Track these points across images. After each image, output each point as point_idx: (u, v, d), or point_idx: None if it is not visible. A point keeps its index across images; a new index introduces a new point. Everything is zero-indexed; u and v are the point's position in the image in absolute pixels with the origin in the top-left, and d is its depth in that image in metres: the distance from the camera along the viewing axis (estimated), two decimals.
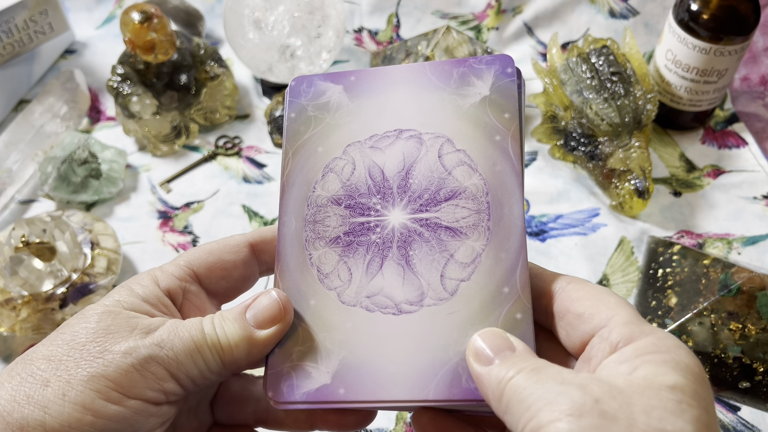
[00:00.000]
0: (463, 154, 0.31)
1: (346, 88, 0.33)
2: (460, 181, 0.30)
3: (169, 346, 0.27)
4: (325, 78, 0.34)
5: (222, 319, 0.29)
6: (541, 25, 0.75)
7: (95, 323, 0.27)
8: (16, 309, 0.50)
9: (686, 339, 0.49)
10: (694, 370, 0.23)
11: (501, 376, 0.24)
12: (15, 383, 0.26)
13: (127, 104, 0.64)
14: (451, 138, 0.31)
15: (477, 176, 0.30)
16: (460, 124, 0.31)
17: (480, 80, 0.32)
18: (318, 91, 0.34)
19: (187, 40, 0.67)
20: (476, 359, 0.26)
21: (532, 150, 0.66)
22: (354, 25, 0.77)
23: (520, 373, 0.24)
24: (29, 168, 0.63)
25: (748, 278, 0.48)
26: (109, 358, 0.26)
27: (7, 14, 0.68)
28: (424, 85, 0.33)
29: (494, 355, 0.25)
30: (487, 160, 0.30)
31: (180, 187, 0.64)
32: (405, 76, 0.33)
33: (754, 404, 0.48)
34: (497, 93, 0.31)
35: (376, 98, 0.33)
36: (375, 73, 0.34)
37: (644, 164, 0.59)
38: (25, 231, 0.52)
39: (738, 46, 0.60)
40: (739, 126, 0.68)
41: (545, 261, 0.57)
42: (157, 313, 0.29)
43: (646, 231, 0.59)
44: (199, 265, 0.31)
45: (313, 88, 0.34)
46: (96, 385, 0.26)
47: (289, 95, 0.34)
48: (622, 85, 0.60)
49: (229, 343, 0.28)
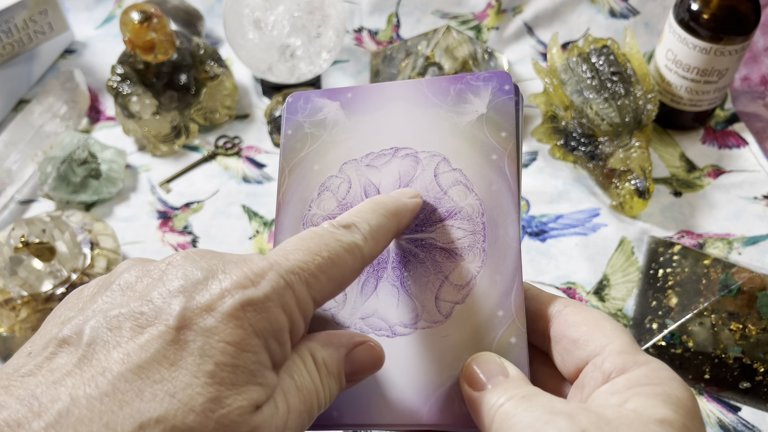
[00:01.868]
0: (459, 173, 0.31)
1: (343, 104, 0.33)
2: (455, 201, 0.30)
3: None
4: (322, 94, 0.34)
5: (326, 371, 0.25)
6: (541, 25, 0.75)
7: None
8: (16, 309, 0.50)
9: (686, 339, 0.49)
10: (686, 404, 0.23)
11: (492, 403, 0.24)
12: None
13: (127, 104, 0.64)
14: (448, 157, 0.31)
15: (473, 196, 0.30)
16: (457, 143, 0.31)
17: (477, 97, 0.32)
18: (315, 108, 0.34)
19: (186, 40, 0.67)
20: (469, 383, 0.26)
21: (532, 150, 0.66)
22: (354, 25, 0.77)
23: (511, 400, 0.24)
24: (29, 168, 0.63)
25: (749, 278, 0.48)
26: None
27: (7, 14, 0.68)
28: (421, 102, 0.32)
29: (487, 380, 0.25)
30: (483, 180, 0.30)
31: (180, 187, 0.64)
32: (402, 93, 0.33)
33: (754, 404, 0.48)
34: (494, 111, 0.31)
35: (373, 115, 0.33)
36: (372, 90, 0.34)
37: (644, 164, 0.59)
38: (25, 231, 0.52)
39: (738, 46, 0.59)
40: (740, 126, 0.68)
41: (545, 261, 0.57)
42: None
43: (646, 231, 0.59)
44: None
45: (310, 104, 0.34)
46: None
47: (285, 112, 0.34)
48: (622, 85, 0.60)
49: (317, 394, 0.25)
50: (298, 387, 0.23)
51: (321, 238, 0.25)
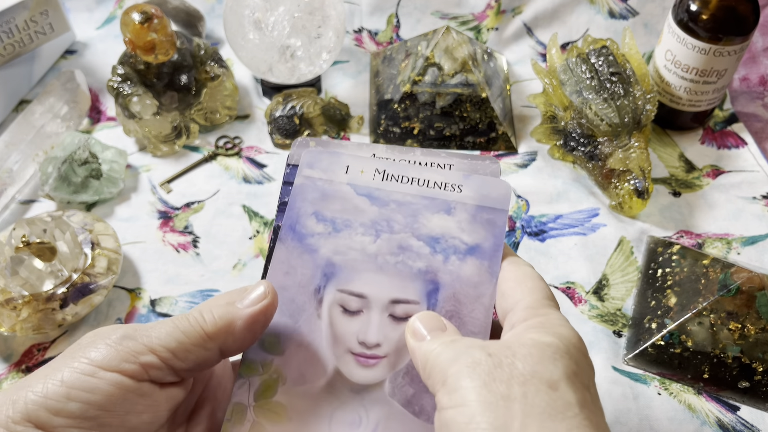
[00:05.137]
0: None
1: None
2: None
3: (144, 328, 0.29)
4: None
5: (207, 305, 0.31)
6: (540, 26, 0.75)
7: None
8: (17, 309, 0.50)
9: (685, 339, 0.49)
10: (571, 340, 0.28)
11: (427, 348, 0.29)
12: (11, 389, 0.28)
13: (128, 104, 0.64)
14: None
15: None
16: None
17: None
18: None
19: (187, 40, 0.67)
20: (412, 336, 0.30)
21: (531, 150, 0.66)
22: (354, 26, 0.77)
23: (441, 344, 0.29)
24: (30, 168, 0.63)
25: (748, 278, 0.48)
26: (89, 349, 0.28)
27: (8, 14, 0.68)
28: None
29: (427, 332, 0.30)
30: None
31: (180, 188, 0.64)
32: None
33: (753, 404, 0.48)
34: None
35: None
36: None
37: (644, 164, 0.59)
38: (26, 231, 0.52)
39: (737, 47, 0.60)
40: (739, 126, 0.68)
41: (545, 261, 0.57)
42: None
43: (645, 231, 0.59)
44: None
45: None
46: (74, 363, 0.27)
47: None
48: (621, 85, 0.60)
49: (212, 316, 0.30)
50: None
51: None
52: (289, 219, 0.35)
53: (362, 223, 0.34)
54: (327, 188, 0.35)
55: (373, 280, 0.33)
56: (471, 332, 0.32)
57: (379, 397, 0.32)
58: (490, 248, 0.34)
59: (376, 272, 0.33)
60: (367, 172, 0.35)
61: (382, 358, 0.32)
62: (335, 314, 0.33)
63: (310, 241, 0.34)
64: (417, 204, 0.35)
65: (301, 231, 0.34)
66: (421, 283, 0.33)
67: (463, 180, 0.35)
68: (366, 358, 0.32)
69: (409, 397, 0.32)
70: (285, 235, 0.34)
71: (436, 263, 0.34)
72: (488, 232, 0.34)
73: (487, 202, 0.35)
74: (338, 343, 0.33)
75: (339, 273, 0.34)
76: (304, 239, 0.34)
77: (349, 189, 0.35)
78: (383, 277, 0.33)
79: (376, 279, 0.33)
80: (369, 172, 0.35)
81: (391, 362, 0.32)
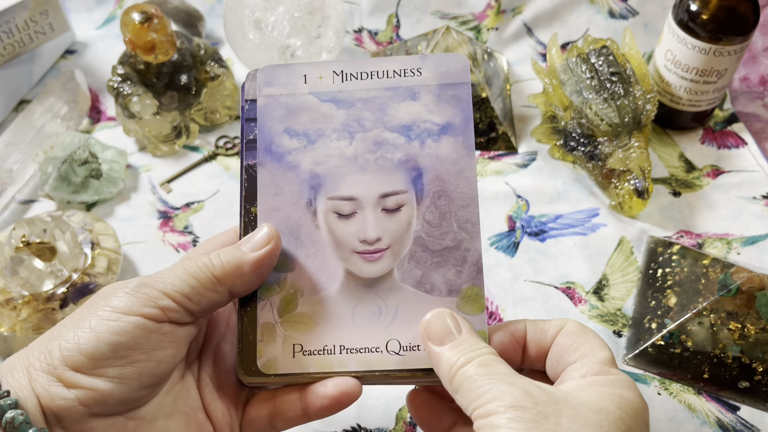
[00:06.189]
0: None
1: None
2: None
3: (157, 276, 0.31)
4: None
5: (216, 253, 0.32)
6: (540, 26, 0.75)
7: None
8: (17, 309, 0.50)
9: (685, 339, 0.49)
10: (634, 407, 0.27)
11: (453, 362, 0.29)
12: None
13: (128, 104, 0.64)
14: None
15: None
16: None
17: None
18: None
19: (187, 40, 0.67)
20: (428, 337, 0.31)
21: (531, 150, 0.66)
22: (354, 26, 0.77)
23: (470, 363, 0.28)
24: (30, 168, 0.63)
25: (748, 278, 0.48)
26: (110, 298, 0.30)
27: (8, 14, 0.68)
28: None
29: (445, 335, 0.30)
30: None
31: (180, 187, 0.64)
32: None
33: (753, 404, 0.48)
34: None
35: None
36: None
37: (644, 164, 0.59)
38: (26, 231, 0.52)
39: (737, 47, 0.60)
40: (739, 126, 0.68)
41: (545, 261, 0.57)
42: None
43: (645, 231, 0.59)
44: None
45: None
46: (99, 312, 0.30)
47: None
48: (621, 85, 0.60)
49: (221, 260, 0.31)
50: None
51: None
52: (263, 142, 0.36)
53: (334, 129, 0.35)
54: (291, 102, 0.36)
55: (359, 181, 0.35)
56: (461, 206, 0.34)
57: (391, 285, 0.34)
58: (461, 123, 0.35)
59: (359, 173, 0.35)
60: (325, 77, 0.36)
61: (385, 250, 0.34)
62: (331, 221, 0.35)
63: (289, 159, 0.35)
64: (382, 97, 0.35)
65: (277, 151, 0.35)
66: (404, 173, 0.35)
67: (420, 62, 0.36)
68: (371, 254, 0.34)
69: (419, 279, 0.34)
70: (264, 159, 0.35)
71: (414, 150, 0.35)
72: (455, 108, 0.35)
73: (448, 78, 0.36)
74: (341, 246, 0.34)
75: (325, 182, 0.35)
76: (282, 158, 0.35)
77: (313, 98, 0.36)
78: (367, 176, 0.35)
79: (361, 179, 0.35)
80: (327, 77, 0.36)
81: (395, 251, 0.34)
